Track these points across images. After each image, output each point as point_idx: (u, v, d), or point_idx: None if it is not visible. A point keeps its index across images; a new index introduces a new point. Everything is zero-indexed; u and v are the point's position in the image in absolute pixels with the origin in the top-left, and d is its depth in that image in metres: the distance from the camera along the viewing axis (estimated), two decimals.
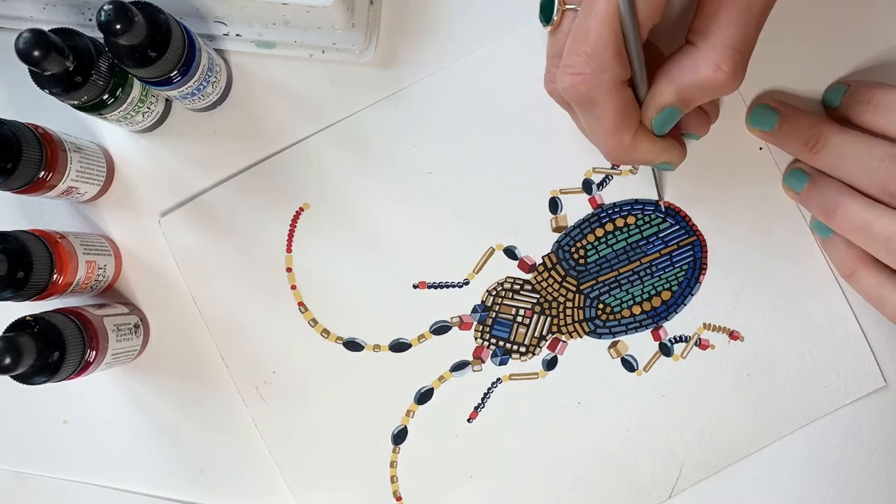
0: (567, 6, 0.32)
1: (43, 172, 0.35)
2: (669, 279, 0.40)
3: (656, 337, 0.40)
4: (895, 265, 0.34)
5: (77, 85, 0.33)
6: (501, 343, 0.40)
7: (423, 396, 0.40)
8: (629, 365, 0.40)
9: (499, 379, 0.40)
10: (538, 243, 0.40)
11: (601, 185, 0.40)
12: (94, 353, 0.35)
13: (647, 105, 0.32)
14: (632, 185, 0.40)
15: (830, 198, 0.36)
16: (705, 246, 0.40)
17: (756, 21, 0.31)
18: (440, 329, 0.40)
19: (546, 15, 0.33)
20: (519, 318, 0.40)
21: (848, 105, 0.37)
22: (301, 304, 0.40)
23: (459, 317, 0.40)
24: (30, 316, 0.34)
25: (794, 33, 0.40)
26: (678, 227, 0.40)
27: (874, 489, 0.39)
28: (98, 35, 0.32)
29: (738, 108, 0.40)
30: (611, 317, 0.40)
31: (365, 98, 0.40)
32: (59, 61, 0.31)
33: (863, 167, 0.34)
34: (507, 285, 0.40)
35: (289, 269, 0.40)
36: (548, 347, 0.40)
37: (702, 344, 0.40)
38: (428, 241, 0.40)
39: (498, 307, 0.40)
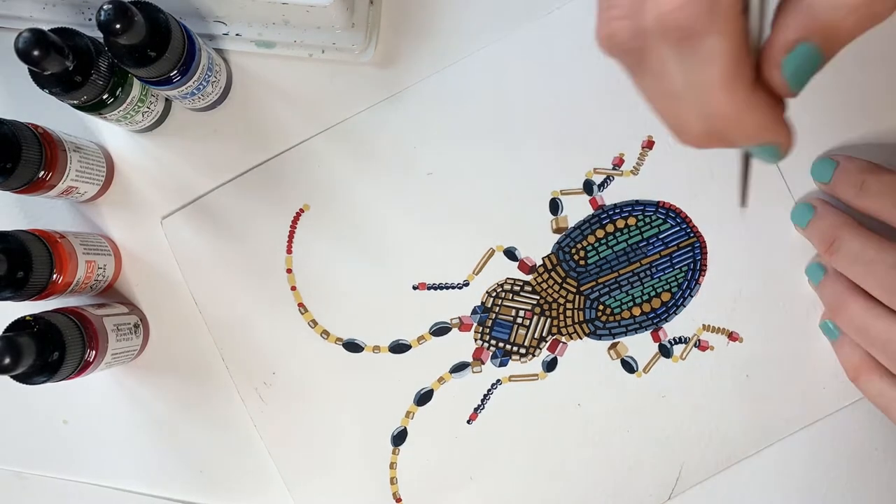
0: None
1: (43, 172, 0.35)
2: (669, 280, 0.40)
3: (656, 338, 0.40)
4: (894, 369, 0.34)
5: (77, 85, 0.33)
6: (501, 344, 0.40)
7: (423, 398, 0.40)
8: (629, 366, 0.40)
9: (499, 380, 0.40)
10: (538, 244, 0.40)
11: (602, 185, 0.40)
12: (94, 352, 0.35)
13: (772, 43, 0.22)
14: (633, 187, 0.40)
15: (838, 295, 0.36)
16: (705, 247, 0.40)
17: None
18: (440, 330, 0.40)
19: None
20: (519, 320, 0.40)
21: (837, 185, 0.37)
22: (301, 305, 0.40)
23: (459, 318, 0.40)
24: (29, 316, 0.34)
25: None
26: (678, 228, 0.40)
27: (874, 491, 0.39)
28: (98, 35, 0.32)
29: None
30: (611, 318, 0.40)
31: (365, 98, 0.40)
32: (59, 61, 0.31)
33: (871, 272, 0.34)
34: (507, 286, 0.40)
35: (289, 271, 0.40)
36: (548, 349, 0.40)
37: (701, 345, 0.40)
38: (428, 242, 0.40)
39: (498, 308, 0.40)
